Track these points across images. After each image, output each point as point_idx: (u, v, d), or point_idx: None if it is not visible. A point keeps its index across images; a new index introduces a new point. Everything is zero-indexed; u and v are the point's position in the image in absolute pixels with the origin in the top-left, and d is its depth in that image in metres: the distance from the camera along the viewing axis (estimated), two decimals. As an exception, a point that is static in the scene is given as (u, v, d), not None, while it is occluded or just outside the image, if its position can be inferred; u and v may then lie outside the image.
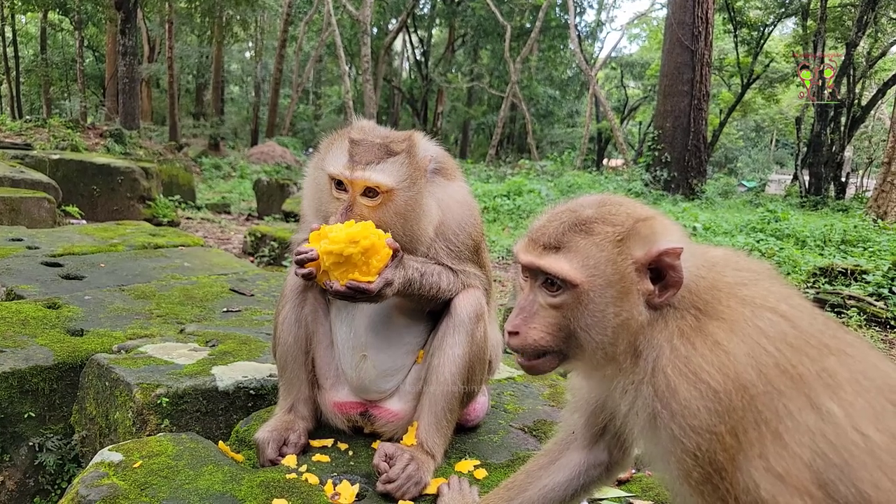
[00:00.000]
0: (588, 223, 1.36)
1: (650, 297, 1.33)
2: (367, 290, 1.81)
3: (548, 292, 1.37)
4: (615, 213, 1.38)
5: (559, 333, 1.37)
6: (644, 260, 1.32)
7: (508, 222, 13.57)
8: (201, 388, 2.38)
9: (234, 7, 24.25)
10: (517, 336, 1.38)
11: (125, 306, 3.40)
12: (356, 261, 1.79)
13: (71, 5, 24.37)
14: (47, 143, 13.14)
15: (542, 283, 1.38)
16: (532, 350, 1.38)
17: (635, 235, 1.33)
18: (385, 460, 1.93)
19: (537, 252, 1.38)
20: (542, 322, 1.37)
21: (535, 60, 38.42)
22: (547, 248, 1.37)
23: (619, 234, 1.34)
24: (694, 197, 18.82)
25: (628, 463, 1.71)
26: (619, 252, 1.33)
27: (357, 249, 1.78)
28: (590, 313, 1.33)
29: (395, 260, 1.87)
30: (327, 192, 1.97)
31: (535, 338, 1.37)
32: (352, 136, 1.97)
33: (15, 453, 2.59)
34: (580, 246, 1.34)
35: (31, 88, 37.33)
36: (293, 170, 21.68)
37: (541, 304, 1.38)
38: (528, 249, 1.41)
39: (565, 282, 1.33)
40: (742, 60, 27.78)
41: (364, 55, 23.43)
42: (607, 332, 1.33)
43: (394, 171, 1.92)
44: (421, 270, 1.96)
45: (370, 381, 2.11)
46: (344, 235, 1.78)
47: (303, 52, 37.69)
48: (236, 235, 10.06)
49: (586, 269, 1.33)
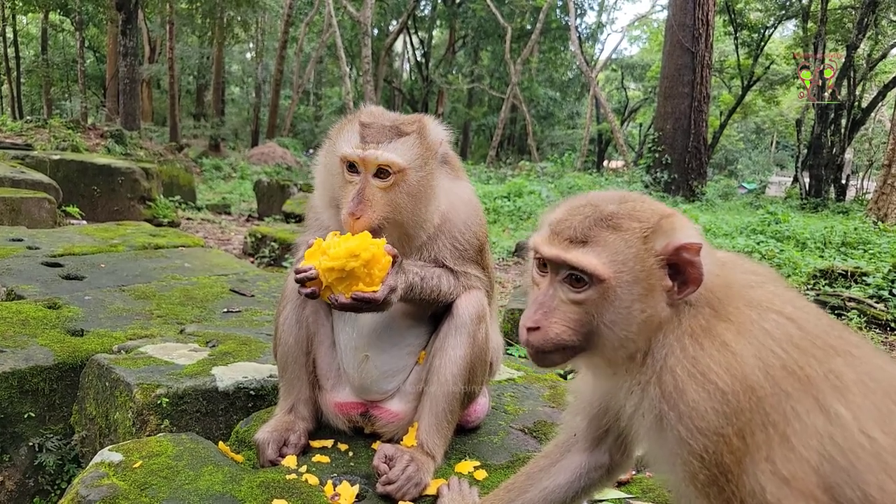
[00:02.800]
0: (615, 218, 1.34)
1: (669, 293, 1.32)
2: (374, 300, 1.81)
3: (571, 288, 1.34)
4: (640, 210, 1.37)
5: (580, 329, 1.34)
6: (664, 253, 1.31)
7: (509, 224, 13.57)
8: (201, 388, 2.38)
9: (234, 8, 24.29)
10: (538, 332, 1.34)
11: (125, 307, 3.39)
12: (359, 273, 1.78)
13: (72, 6, 24.36)
14: (48, 143, 13.14)
15: (564, 277, 1.35)
16: (552, 346, 1.35)
17: (659, 231, 1.32)
18: (385, 461, 1.93)
19: (562, 246, 1.35)
20: (564, 317, 1.34)
21: (535, 62, 38.46)
22: (573, 241, 1.34)
23: (646, 230, 1.32)
24: (694, 199, 18.82)
25: (629, 465, 1.71)
26: (646, 248, 1.31)
27: (359, 263, 1.77)
28: (615, 309, 1.31)
29: (396, 266, 1.86)
30: (339, 177, 1.97)
31: (556, 332, 1.34)
32: (362, 120, 1.98)
33: (15, 453, 2.58)
34: (608, 241, 1.32)
35: (31, 89, 37.36)
36: (293, 171, 21.69)
37: (562, 299, 1.35)
38: (551, 243, 1.37)
39: (593, 277, 1.31)
40: (742, 62, 27.80)
41: (365, 56, 23.45)
42: (632, 328, 1.31)
43: (405, 150, 1.92)
44: (421, 274, 1.95)
45: (372, 381, 2.11)
46: (344, 250, 1.76)
47: (303, 53, 37.71)
48: (236, 236, 10.06)
49: (615, 265, 1.31)
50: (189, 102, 38.76)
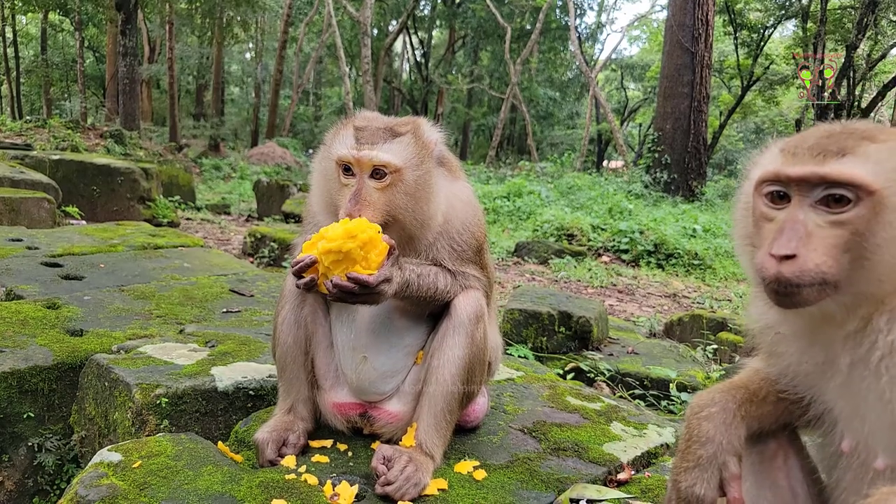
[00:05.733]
0: (866, 132, 1.21)
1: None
2: (368, 283, 1.79)
3: (828, 210, 1.17)
4: (884, 129, 1.25)
5: (843, 257, 1.16)
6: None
7: (508, 224, 13.57)
8: (201, 388, 2.38)
9: (234, 8, 24.30)
10: (793, 261, 1.15)
11: (125, 307, 3.39)
12: (356, 256, 1.78)
13: (71, 6, 24.37)
14: (47, 143, 13.14)
15: (818, 200, 1.18)
16: (810, 278, 1.16)
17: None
18: (383, 463, 1.93)
19: (815, 161, 1.18)
20: (824, 243, 1.16)
21: (535, 62, 38.46)
22: (828, 154, 1.18)
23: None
24: (694, 199, 18.81)
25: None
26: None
27: (356, 244, 1.77)
28: (891, 226, 1.14)
29: (392, 258, 1.85)
30: (335, 181, 1.97)
31: (816, 262, 1.15)
32: (356, 124, 1.98)
33: (14, 453, 2.58)
34: (870, 151, 1.17)
35: (31, 89, 37.38)
36: (293, 171, 21.70)
37: (818, 223, 1.18)
38: (798, 161, 1.21)
39: (860, 189, 1.15)
40: (742, 62, 27.80)
41: (364, 56, 23.46)
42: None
43: (400, 150, 1.93)
44: (417, 272, 1.95)
45: (370, 382, 2.11)
46: (341, 231, 1.77)
47: (303, 53, 37.73)
48: (236, 236, 10.06)
49: (884, 174, 1.15)
50: (189, 102, 38.74)
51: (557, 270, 9.38)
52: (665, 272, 10.31)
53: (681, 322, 5.93)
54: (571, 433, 2.37)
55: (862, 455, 1.28)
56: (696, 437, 1.38)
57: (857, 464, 1.30)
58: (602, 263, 10.28)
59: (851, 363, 1.25)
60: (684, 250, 10.79)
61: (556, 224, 11.93)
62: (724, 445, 1.36)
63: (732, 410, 1.40)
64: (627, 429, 2.48)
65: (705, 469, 1.35)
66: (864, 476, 1.28)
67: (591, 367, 3.98)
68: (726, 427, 1.38)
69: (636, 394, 3.80)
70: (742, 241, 1.40)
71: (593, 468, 2.16)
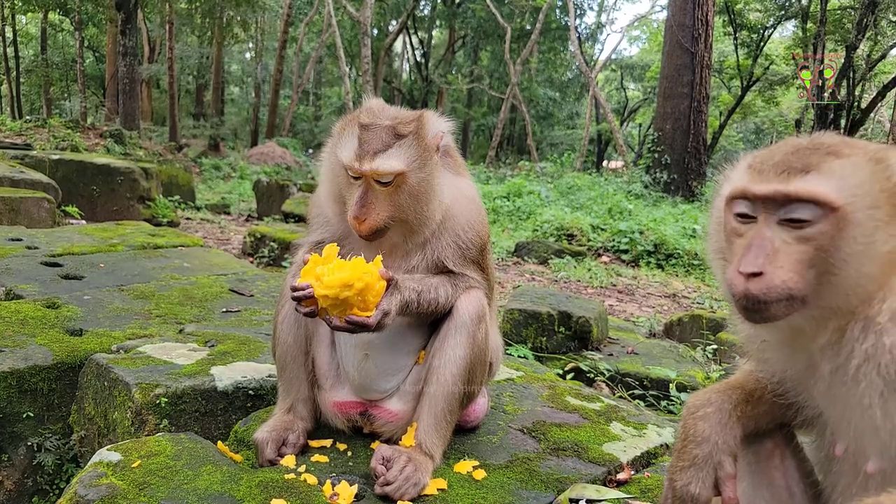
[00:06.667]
0: (831, 147, 1.22)
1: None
2: (367, 325, 1.83)
3: (793, 226, 1.19)
4: (851, 141, 1.26)
5: (809, 272, 1.18)
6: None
7: (508, 224, 13.57)
8: (200, 388, 2.38)
9: (234, 8, 24.29)
10: (760, 279, 1.17)
11: (124, 306, 3.39)
12: (353, 301, 1.80)
13: (71, 6, 24.35)
14: (47, 143, 13.13)
15: (782, 217, 1.20)
16: (777, 294, 1.17)
17: (892, 151, 1.21)
18: (382, 463, 1.93)
19: (780, 179, 1.19)
20: (790, 259, 1.18)
21: (535, 62, 38.45)
22: (791, 172, 1.19)
23: (870, 153, 1.21)
24: (693, 199, 18.80)
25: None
26: (879, 170, 1.19)
27: (352, 292, 1.79)
28: (855, 241, 1.16)
29: (391, 288, 1.87)
30: (344, 178, 1.99)
31: (783, 279, 1.17)
32: (361, 121, 1.98)
33: (13, 453, 2.58)
34: (833, 167, 1.18)
35: (31, 89, 37.34)
36: (293, 171, 21.70)
37: (784, 240, 1.19)
38: (763, 179, 1.22)
39: (824, 206, 1.16)
40: (742, 63, 27.81)
41: (364, 56, 23.45)
42: (873, 263, 1.16)
43: (402, 154, 1.93)
44: (418, 290, 1.96)
45: (371, 380, 2.11)
46: (337, 280, 1.77)
47: (303, 53, 37.71)
48: (236, 236, 10.06)
49: (847, 190, 1.16)
50: (188, 102, 38.73)
51: (557, 270, 9.38)
52: (665, 272, 10.31)
53: (680, 322, 5.92)
54: (571, 433, 2.37)
55: (853, 458, 1.29)
56: (692, 436, 1.40)
57: (849, 467, 1.31)
58: (602, 263, 10.28)
59: (832, 370, 1.27)
60: (684, 250, 10.79)
61: (555, 224, 11.93)
62: (719, 445, 1.38)
63: (728, 410, 1.41)
64: (627, 429, 2.48)
65: (700, 468, 1.37)
66: (856, 479, 1.29)
67: (590, 367, 3.98)
68: (722, 427, 1.39)
69: (636, 394, 3.80)
70: (715, 255, 1.41)
71: (593, 468, 2.16)
